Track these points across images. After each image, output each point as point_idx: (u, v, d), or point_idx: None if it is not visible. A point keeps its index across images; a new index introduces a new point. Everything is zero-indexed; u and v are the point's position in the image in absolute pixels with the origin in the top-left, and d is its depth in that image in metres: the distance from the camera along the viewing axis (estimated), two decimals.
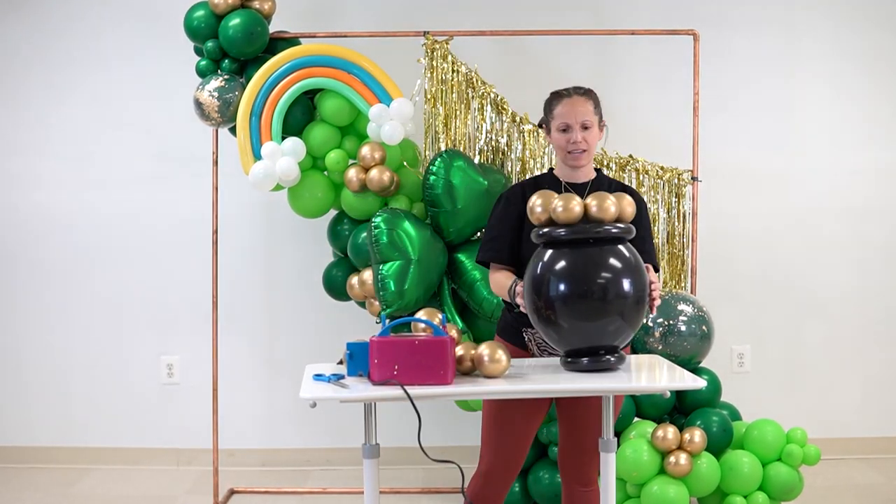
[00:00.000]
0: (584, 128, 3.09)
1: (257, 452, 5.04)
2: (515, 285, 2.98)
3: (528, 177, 3.86)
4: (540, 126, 3.28)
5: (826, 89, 4.98)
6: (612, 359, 2.85)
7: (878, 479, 4.75)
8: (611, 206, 2.77)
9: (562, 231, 2.79)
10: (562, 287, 2.75)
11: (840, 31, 4.96)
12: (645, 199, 3.23)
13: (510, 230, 3.12)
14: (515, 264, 3.12)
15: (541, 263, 2.81)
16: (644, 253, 3.02)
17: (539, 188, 3.11)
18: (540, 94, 4.79)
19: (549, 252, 2.82)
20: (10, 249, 5.02)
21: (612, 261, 2.78)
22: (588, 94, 3.14)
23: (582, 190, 3.14)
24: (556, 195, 2.84)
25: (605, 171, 4.37)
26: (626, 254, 2.81)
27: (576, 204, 2.78)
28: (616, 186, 3.20)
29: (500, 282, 3.10)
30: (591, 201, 2.78)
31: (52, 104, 4.96)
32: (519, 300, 2.92)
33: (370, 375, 2.73)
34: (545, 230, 2.82)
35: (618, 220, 2.83)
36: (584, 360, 2.84)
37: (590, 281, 2.76)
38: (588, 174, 3.19)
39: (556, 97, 3.14)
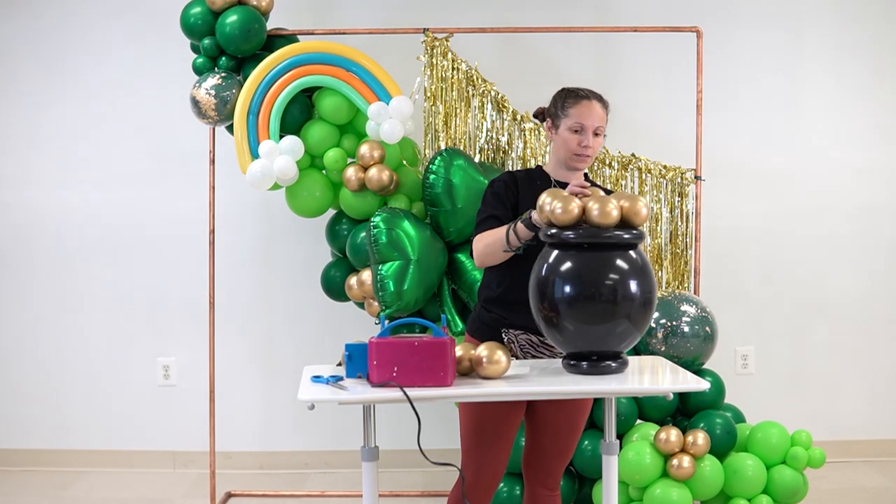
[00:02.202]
0: (595, 134, 3.08)
1: (255, 455, 5.03)
2: (516, 221, 2.90)
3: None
4: (537, 117, 3.24)
5: (831, 86, 4.98)
6: (615, 364, 2.83)
7: (884, 483, 4.75)
8: (612, 210, 2.74)
9: (571, 234, 2.76)
10: (568, 289, 2.73)
11: (845, 26, 4.96)
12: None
13: (504, 212, 3.08)
14: None
15: (546, 265, 2.79)
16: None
17: (531, 181, 3.12)
18: (541, 92, 4.77)
19: (555, 253, 2.80)
20: (3, 248, 5.01)
21: (620, 262, 2.77)
22: (603, 100, 3.14)
23: None
24: (557, 195, 2.81)
25: (605, 170, 4.35)
26: (633, 255, 2.80)
27: (574, 206, 2.76)
28: (602, 189, 3.15)
29: (492, 233, 3.01)
30: (593, 205, 2.76)
31: (46, 102, 4.94)
32: (572, 189, 2.81)
33: (369, 377, 2.72)
34: (553, 231, 2.79)
35: (623, 222, 2.81)
36: (585, 363, 2.83)
37: (598, 283, 2.74)
38: (578, 177, 3.17)
39: (574, 96, 3.10)
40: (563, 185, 3.11)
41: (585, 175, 3.23)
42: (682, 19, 4.55)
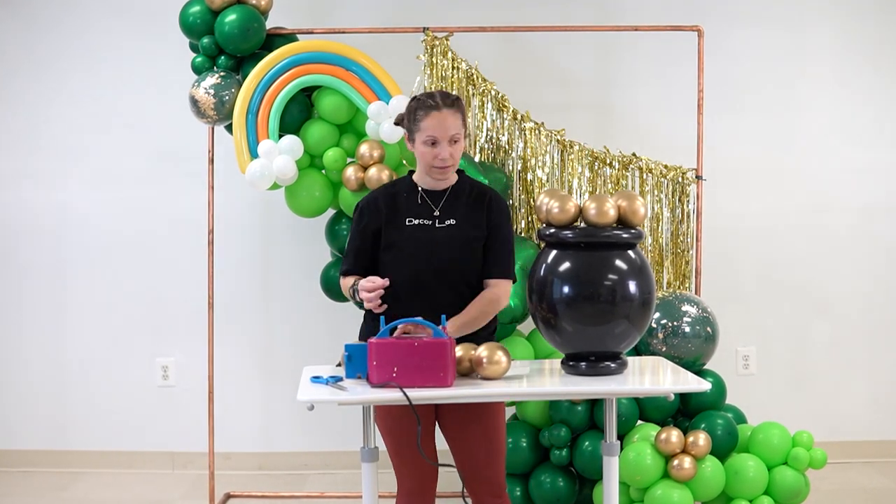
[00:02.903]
0: (453, 142, 3.00)
1: (254, 456, 5.02)
2: (356, 283, 2.97)
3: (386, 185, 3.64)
4: (397, 124, 3.19)
5: (833, 86, 4.96)
6: (614, 365, 2.82)
7: (886, 484, 4.74)
8: (609, 209, 2.74)
9: (569, 233, 2.76)
10: (566, 289, 2.73)
11: (847, 25, 4.95)
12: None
13: (361, 243, 3.08)
14: (370, 273, 3.07)
15: (544, 265, 2.79)
16: (494, 264, 3.03)
17: (396, 195, 3.09)
18: (541, 92, 4.79)
19: (553, 253, 2.79)
20: (1, 249, 4.99)
21: (619, 262, 2.77)
22: (456, 104, 3.03)
23: (439, 197, 3.08)
24: (555, 195, 2.80)
25: (606, 170, 4.33)
26: (633, 255, 2.79)
27: (572, 206, 2.76)
28: (477, 190, 3.12)
29: (345, 284, 3.11)
30: (590, 204, 2.75)
31: (44, 101, 4.93)
32: (363, 295, 2.91)
33: (369, 378, 2.72)
34: (552, 231, 2.79)
35: (621, 221, 2.80)
36: (583, 364, 2.82)
37: (596, 283, 2.73)
38: (449, 180, 3.11)
39: (424, 107, 3.00)
40: (430, 195, 3.07)
41: (459, 172, 3.14)
42: (683, 18, 4.52)
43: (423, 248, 3.00)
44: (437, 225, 3.03)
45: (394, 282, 2.95)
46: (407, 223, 3.03)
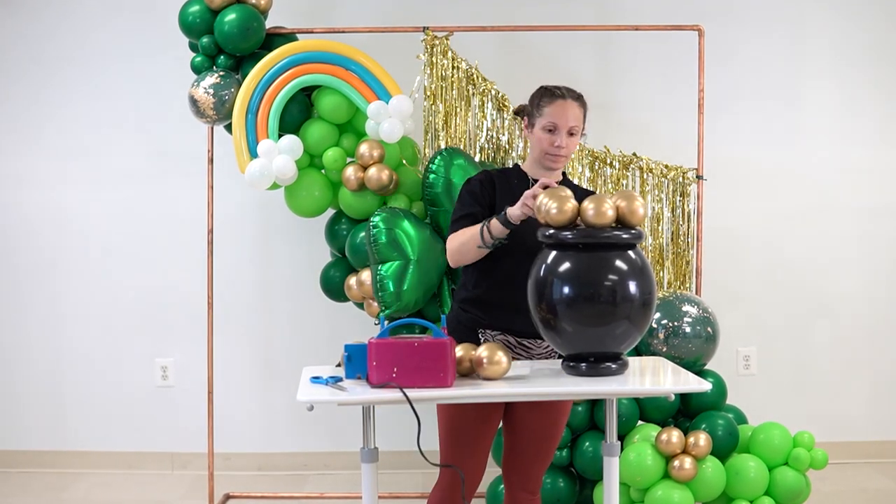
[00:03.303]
0: (570, 134, 3.05)
1: (254, 456, 5.01)
2: (489, 220, 2.92)
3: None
4: (518, 114, 3.23)
5: (834, 86, 4.96)
6: (615, 365, 2.83)
7: (888, 484, 4.73)
8: (608, 209, 2.73)
9: (568, 234, 2.75)
10: (566, 290, 2.72)
11: (848, 26, 4.94)
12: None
13: (481, 211, 3.06)
14: None
15: (544, 265, 2.78)
16: None
17: (508, 180, 3.11)
18: None
19: (553, 253, 2.79)
20: (0, 249, 4.98)
21: (619, 263, 2.77)
22: (581, 99, 3.10)
23: None
24: (554, 195, 2.79)
25: (607, 170, 4.32)
26: (633, 255, 2.80)
27: (570, 206, 2.75)
28: (582, 191, 3.14)
29: (465, 231, 3.00)
30: (588, 205, 2.75)
31: (43, 101, 4.92)
32: (517, 210, 2.84)
33: (368, 378, 2.71)
34: (551, 232, 2.78)
35: (620, 221, 2.79)
36: (584, 365, 2.82)
37: (597, 283, 2.73)
38: (557, 176, 3.16)
39: (549, 95, 3.08)
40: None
41: (564, 174, 3.21)
42: (684, 18, 4.52)
43: (523, 237, 2.97)
44: None
45: (490, 263, 2.99)
46: None
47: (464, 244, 3.00)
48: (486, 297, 3.08)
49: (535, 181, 3.10)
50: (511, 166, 3.22)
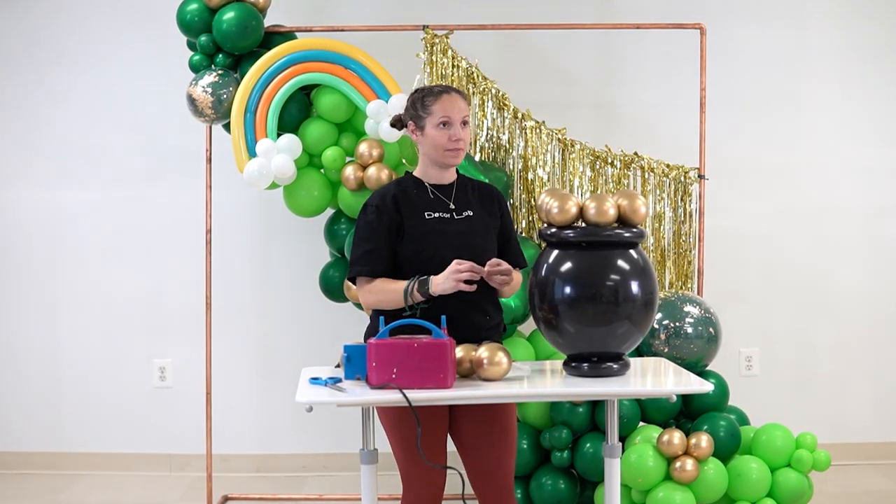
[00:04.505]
0: (464, 123, 3.05)
1: (252, 458, 5.00)
2: (414, 281, 2.92)
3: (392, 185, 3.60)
4: (394, 125, 3.23)
5: (837, 84, 4.95)
6: (616, 365, 2.82)
7: (891, 486, 4.73)
8: (609, 208, 2.72)
9: (570, 233, 2.74)
10: (568, 289, 2.72)
11: (851, 23, 4.93)
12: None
13: (386, 242, 3.02)
14: (394, 271, 3.04)
15: (545, 265, 2.78)
16: (518, 254, 3.14)
17: (406, 191, 3.08)
18: (542, 90, 4.77)
19: (555, 253, 2.78)
20: None
21: (621, 262, 2.77)
22: (462, 93, 3.12)
23: (449, 191, 3.10)
24: (555, 194, 2.78)
25: (608, 169, 4.31)
26: (634, 255, 2.78)
27: (572, 205, 2.76)
28: (479, 185, 3.18)
29: (386, 288, 2.99)
30: (590, 203, 2.74)
31: (39, 100, 4.91)
32: (446, 283, 2.86)
33: (368, 379, 2.70)
34: (553, 231, 2.78)
35: (622, 221, 2.79)
36: (585, 365, 2.82)
37: (598, 283, 2.72)
38: (452, 175, 3.15)
39: (431, 94, 3.07)
40: (439, 189, 3.09)
41: (457, 171, 3.17)
42: (686, 16, 4.50)
43: (447, 239, 3.00)
44: (455, 217, 3.05)
45: (421, 275, 2.96)
46: (427, 216, 3.03)
47: (382, 301, 3.00)
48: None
49: (433, 185, 3.09)
50: (403, 176, 3.18)
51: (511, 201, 4.31)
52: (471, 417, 3.06)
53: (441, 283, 2.87)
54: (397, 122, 3.20)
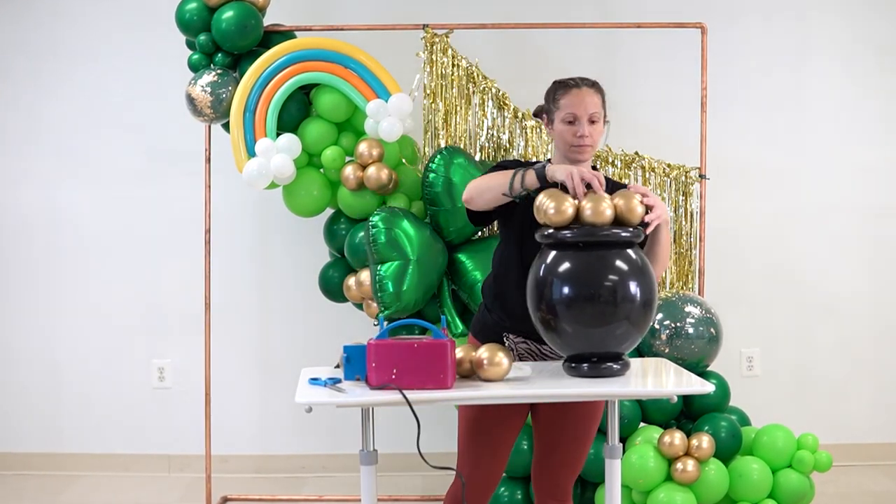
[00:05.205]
0: (591, 122, 3.00)
1: (251, 458, 4.99)
2: (526, 168, 2.84)
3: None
4: (537, 115, 3.19)
5: (838, 83, 4.94)
6: (616, 366, 2.81)
7: (892, 487, 4.72)
8: (606, 209, 2.71)
9: (567, 233, 2.73)
10: (566, 290, 2.71)
11: (853, 22, 4.92)
12: None
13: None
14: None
15: (543, 265, 2.77)
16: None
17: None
18: (542, 89, 4.74)
19: (553, 253, 2.77)
20: None
21: (619, 262, 2.75)
22: (596, 86, 3.06)
23: None
24: (553, 195, 2.77)
25: (609, 169, 4.30)
26: (633, 255, 2.78)
27: (568, 206, 2.73)
28: (612, 182, 3.12)
29: (494, 175, 2.90)
30: (586, 204, 2.73)
31: (37, 99, 4.90)
32: (562, 173, 2.75)
33: (368, 379, 2.69)
34: (550, 231, 2.76)
35: (619, 220, 2.77)
36: (585, 366, 2.81)
37: (597, 283, 2.72)
38: (587, 168, 3.10)
39: (563, 87, 3.04)
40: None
41: (593, 167, 3.14)
42: (687, 15, 4.50)
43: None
44: None
45: (511, 259, 2.96)
46: None
47: (488, 184, 2.89)
48: (510, 304, 3.02)
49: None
50: (543, 161, 3.15)
51: None
52: (551, 411, 3.07)
53: (557, 170, 2.77)
54: (539, 112, 3.15)
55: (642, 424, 4.07)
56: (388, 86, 4.15)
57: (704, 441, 3.74)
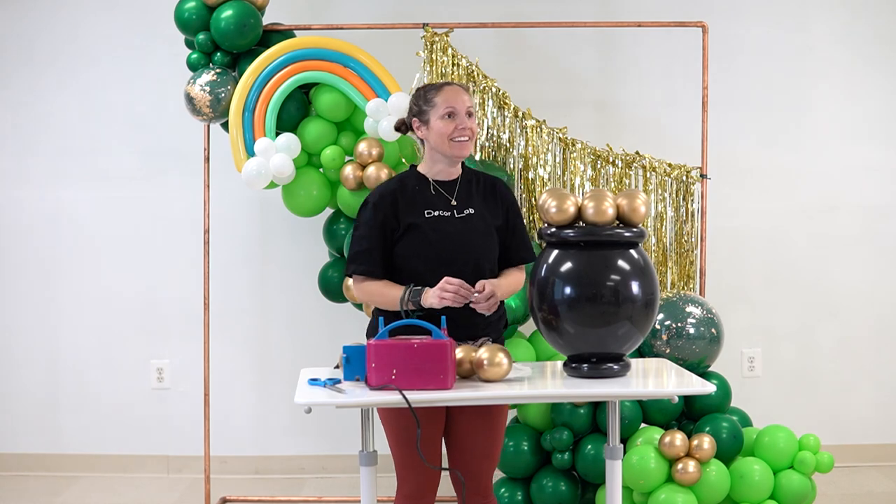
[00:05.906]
0: (468, 114, 3.05)
1: (250, 459, 4.99)
2: (409, 290, 2.93)
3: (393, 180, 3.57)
4: (398, 129, 3.20)
5: (840, 82, 4.93)
6: (616, 366, 2.81)
7: (894, 488, 4.71)
8: (608, 208, 2.71)
9: (570, 232, 2.73)
10: (567, 290, 2.71)
11: (854, 21, 4.91)
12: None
13: (381, 241, 3.02)
14: (387, 277, 3.04)
15: (545, 265, 2.76)
16: (522, 249, 3.11)
17: (407, 188, 3.07)
18: (543, 89, 4.76)
19: (555, 253, 2.77)
20: None
21: (621, 262, 2.76)
22: (464, 86, 3.15)
23: (452, 188, 3.09)
24: (555, 194, 2.76)
25: (609, 168, 4.28)
26: (635, 255, 2.76)
27: (570, 205, 2.75)
28: (484, 179, 3.16)
29: (384, 292, 3.00)
30: (588, 203, 2.72)
31: (37, 99, 4.90)
32: (433, 299, 2.86)
33: (367, 380, 2.69)
34: (552, 231, 2.76)
35: (622, 220, 2.77)
36: (586, 366, 2.81)
37: (598, 283, 2.71)
38: (457, 171, 3.13)
39: (434, 87, 3.09)
40: (442, 185, 3.08)
41: (463, 165, 3.15)
42: (688, 14, 4.51)
43: (446, 238, 2.99)
44: (456, 215, 3.04)
45: (417, 274, 2.96)
46: (426, 215, 3.01)
47: (378, 303, 3.03)
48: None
49: (436, 181, 3.08)
50: (407, 170, 3.17)
51: None
52: (462, 414, 3.05)
53: (430, 297, 2.89)
54: (401, 126, 3.18)
55: (643, 425, 4.06)
56: (387, 85, 4.14)
57: (705, 442, 3.73)
